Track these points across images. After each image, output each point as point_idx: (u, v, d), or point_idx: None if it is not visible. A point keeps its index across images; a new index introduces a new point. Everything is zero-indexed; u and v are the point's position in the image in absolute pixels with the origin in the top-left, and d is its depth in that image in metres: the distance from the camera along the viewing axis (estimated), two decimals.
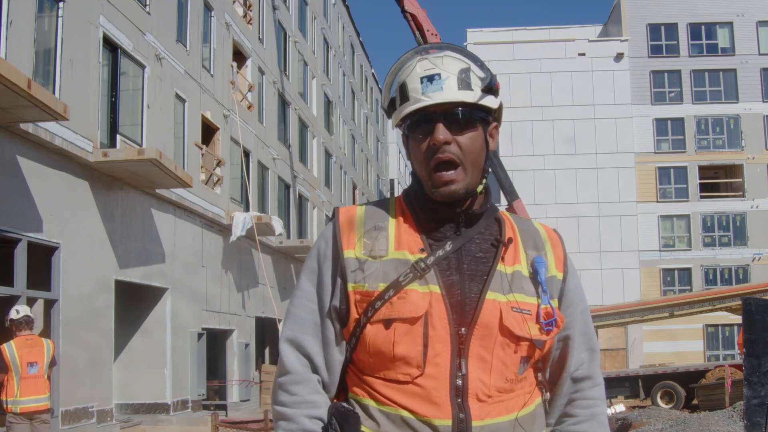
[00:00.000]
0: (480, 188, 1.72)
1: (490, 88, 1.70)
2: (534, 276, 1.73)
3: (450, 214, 1.72)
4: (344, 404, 1.69)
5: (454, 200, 1.69)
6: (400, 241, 1.70)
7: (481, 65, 1.70)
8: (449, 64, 1.67)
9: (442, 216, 1.72)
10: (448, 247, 1.69)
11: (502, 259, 1.71)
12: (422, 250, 1.69)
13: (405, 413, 1.63)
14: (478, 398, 1.63)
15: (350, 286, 1.68)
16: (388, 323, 1.64)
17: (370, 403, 1.68)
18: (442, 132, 1.64)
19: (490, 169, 1.78)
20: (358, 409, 1.68)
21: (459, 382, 1.62)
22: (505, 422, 1.66)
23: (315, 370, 1.73)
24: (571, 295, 1.80)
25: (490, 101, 1.69)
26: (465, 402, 1.62)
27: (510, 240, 1.74)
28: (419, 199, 1.75)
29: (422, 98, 1.65)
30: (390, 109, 1.76)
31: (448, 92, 1.64)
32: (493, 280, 1.67)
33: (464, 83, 1.65)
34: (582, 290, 1.85)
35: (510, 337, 1.66)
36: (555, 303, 1.75)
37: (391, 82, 1.75)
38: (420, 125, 1.67)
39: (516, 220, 1.83)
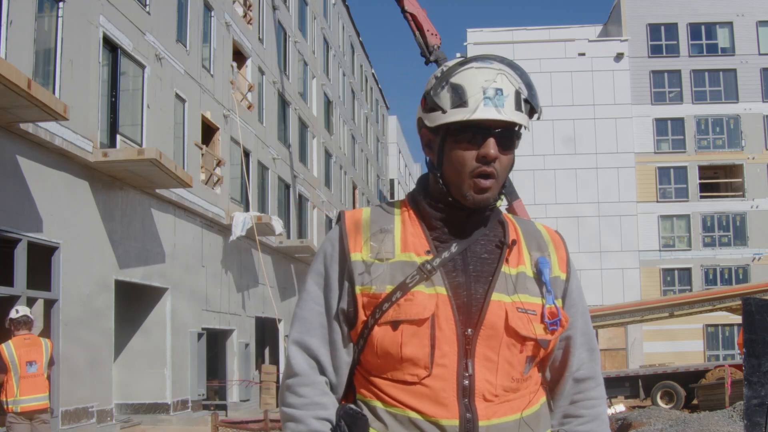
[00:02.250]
0: (499, 203, 1.77)
1: (533, 113, 1.73)
2: (538, 276, 1.76)
3: (456, 217, 1.74)
4: (352, 406, 1.71)
5: (484, 208, 1.72)
6: (406, 243, 1.73)
7: (529, 88, 1.72)
8: (508, 82, 1.68)
9: (449, 218, 1.75)
10: (454, 248, 1.71)
11: (507, 260, 1.74)
12: (428, 252, 1.71)
13: (413, 414, 1.65)
14: (484, 398, 1.66)
15: (358, 289, 1.70)
16: (395, 325, 1.66)
17: (378, 405, 1.70)
18: (494, 147, 1.66)
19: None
20: (366, 411, 1.70)
21: (466, 382, 1.65)
22: (511, 421, 1.68)
23: (322, 371, 1.75)
24: (573, 295, 1.83)
25: (528, 124, 1.73)
26: (472, 402, 1.64)
27: (514, 242, 1.77)
28: (430, 201, 1.77)
29: (487, 110, 1.64)
30: (433, 107, 1.70)
31: (509, 111, 1.66)
32: (498, 281, 1.70)
33: (518, 104, 1.68)
34: (582, 291, 1.88)
35: (516, 337, 1.68)
36: (559, 303, 1.78)
37: (443, 81, 1.70)
38: (467, 133, 1.66)
39: (518, 221, 1.86)
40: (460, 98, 1.66)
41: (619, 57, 40.88)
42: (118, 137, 14.27)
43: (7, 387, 7.90)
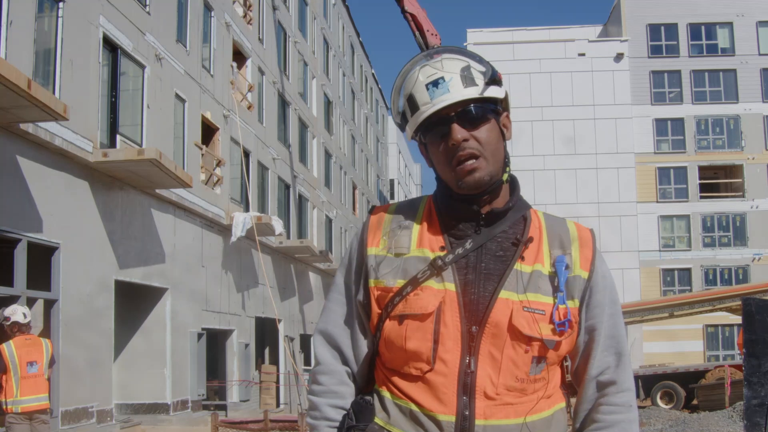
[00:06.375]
0: (505, 177, 1.76)
1: (493, 80, 1.72)
2: (554, 275, 1.72)
3: (471, 213, 1.74)
4: (365, 397, 1.77)
5: (481, 190, 1.71)
6: (422, 240, 1.75)
7: (479, 60, 1.73)
8: (450, 65, 1.69)
9: (464, 215, 1.75)
10: (468, 245, 1.72)
11: (522, 258, 1.72)
12: (443, 248, 1.72)
13: (414, 407, 1.68)
14: (486, 395, 1.65)
15: (371, 282, 1.75)
16: (401, 319, 1.70)
17: (387, 395, 1.74)
18: (458, 131, 1.66)
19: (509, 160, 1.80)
20: (376, 401, 1.75)
21: (467, 379, 1.65)
22: (512, 425, 1.66)
23: (345, 361, 1.82)
24: (598, 296, 1.76)
25: (495, 92, 1.72)
26: (472, 399, 1.64)
27: (531, 239, 1.74)
28: (443, 200, 1.79)
29: (432, 104, 1.67)
30: (402, 122, 1.78)
31: (455, 92, 1.66)
32: (508, 280, 1.69)
33: (468, 80, 1.68)
34: (614, 293, 1.80)
35: (519, 336, 1.66)
36: (574, 303, 1.72)
37: (398, 96, 1.77)
38: (435, 129, 1.70)
39: (547, 218, 1.83)
40: (414, 105, 1.71)
41: (619, 57, 40.88)
42: (118, 137, 14.27)
43: (6, 387, 7.90)
